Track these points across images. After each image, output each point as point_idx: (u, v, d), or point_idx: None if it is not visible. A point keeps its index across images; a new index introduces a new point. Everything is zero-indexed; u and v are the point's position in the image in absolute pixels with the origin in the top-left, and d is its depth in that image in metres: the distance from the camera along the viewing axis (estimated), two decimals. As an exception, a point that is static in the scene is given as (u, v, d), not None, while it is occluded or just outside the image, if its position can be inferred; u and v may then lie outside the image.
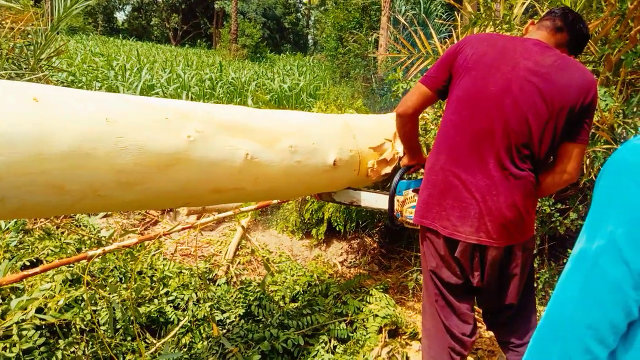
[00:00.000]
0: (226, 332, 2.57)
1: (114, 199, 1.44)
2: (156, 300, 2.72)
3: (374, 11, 10.83)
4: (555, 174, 1.69)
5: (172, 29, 38.24)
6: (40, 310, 2.28)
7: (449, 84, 1.76)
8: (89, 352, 2.27)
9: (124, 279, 2.86)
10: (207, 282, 3.09)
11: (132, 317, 2.40)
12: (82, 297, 2.47)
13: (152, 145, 1.45)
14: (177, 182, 1.58)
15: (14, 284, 2.31)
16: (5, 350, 2.03)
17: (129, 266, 2.93)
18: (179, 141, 1.54)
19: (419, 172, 2.69)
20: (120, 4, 41.17)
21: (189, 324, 2.59)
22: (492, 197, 1.61)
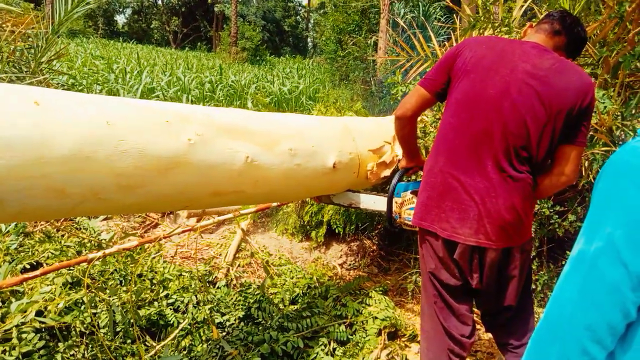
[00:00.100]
0: (226, 335, 2.57)
1: (114, 202, 1.45)
2: (156, 302, 2.72)
3: (373, 14, 10.86)
4: (553, 176, 1.70)
5: (172, 32, 38.29)
6: (40, 313, 2.28)
7: (448, 87, 1.77)
8: (88, 355, 2.27)
9: (124, 281, 2.86)
10: (207, 285, 3.09)
11: (132, 320, 2.40)
12: (82, 300, 2.47)
13: (153, 148, 1.46)
14: (177, 185, 1.58)
15: (14, 286, 2.32)
16: (4, 353, 2.03)
17: (129, 269, 2.93)
18: (179, 144, 1.55)
19: (418, 174, 2.70)
20: (120, 7, 41.24)
21: (189, 327, 2.59)
22: (491, 200, 1.62)
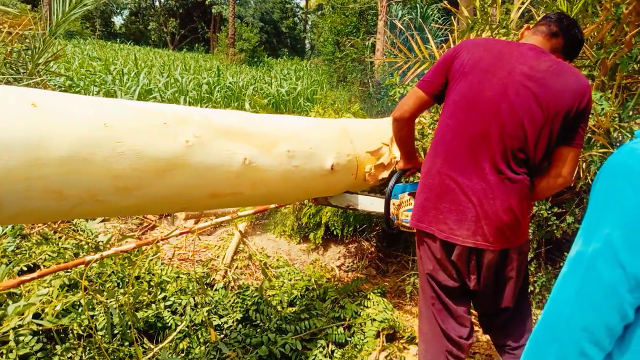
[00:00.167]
0: (224, 337, 2.57)
1: (112, 204, 1.44)
2: (154, 305, 2.71)
3: (370, 16, 10.89)
4: (550, 178, 1.71)
5: (169, 33, 38.26)
6: (37, 315, 2.27)
7: (446, 89, 1.77)
8: (86, 357, 2.26)
9: (122, 284, 2.85)
10: (205, 287, 3.09)
11: (130, 322, 2.39)
12: (79, 303, 2.46)
13: (150, 150, 1.46)
14: (175, 187, 1.58)
15: (11, 289, 2.31)
16: (2, 356, 2.02)
17: (126, 271, 2.92)
18: (177, 146, 1.54)
19: (415, 175, 2.70)
20: (117, 8, 41.19)
21: (187, 329, 2.58)
22: (489, 201, 1.62)
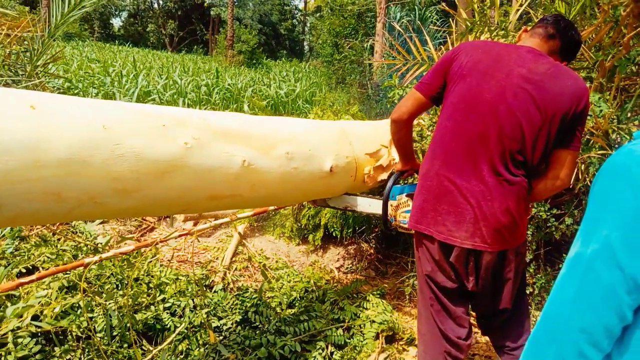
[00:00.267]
0: (223, 339, 2.57)
1: (110, 206, 1.44)
2: (153, 307, 2.70)
3: (369, 18, 10.91)
4: (547, 180, 1.71)
5: (168, 35, 38.27)
6: (36, 317, 2.27)
7: (444, 91, 1.77)
8: (85, 359, 2.26)
9: (121, 285, 2.85)
10: (204, 289, 3.08)
11: (129, 324, 2.39)
12: (78, 304, 2.46)
13: (149, 152, 1.45)
14: (174, 189, 1.58)
15: (10, 291, 2.30)
16: (1, 358, 2.02)
17: (125, 273, 2.92)
18: (176, 148, 1.54)
19: (414, 177, 2.70)
20: (116, 10, 41.20)
21: (186, 331, 2.58)
22: (487, 203, 1.62)
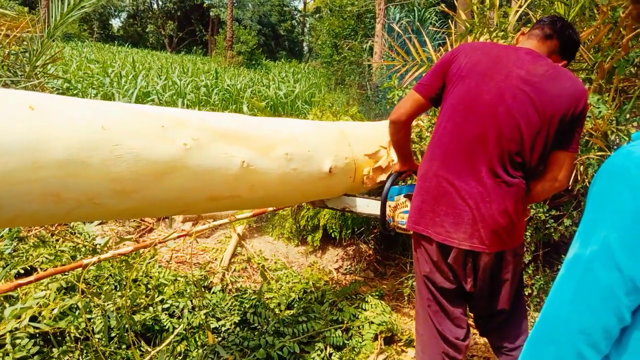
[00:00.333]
0: (221, 340, 2.56)
1: (109, 207, 1.44)
2: (151, 308, 2.70)
3: (368, 19, 10.92)
4: (546, 181, 1.72)
5: (167, 36, 38.27)
6: (34, 318, 2.26)
7: (443, 92, 1.78)
8: (83, 360, 2.26)
9: (119, 286, 2.84)
10: (203, 290, 3.08)
11: (127, 325, 2.39)
12: (76, 305, 2.45)
13: (148, 153, 1.45)
14: (173, 190, 1.58)
15: (8, 292, 2.30)
16: (-2, 359, 2.02)
17: (124, 274, 2.91)
18: (175, 149, 1.54)
19: (413, 177, 2.71)
20: (115, 10, 41.20)
21: (184, 332, 2.57)
22: (485, 204, 1.63)
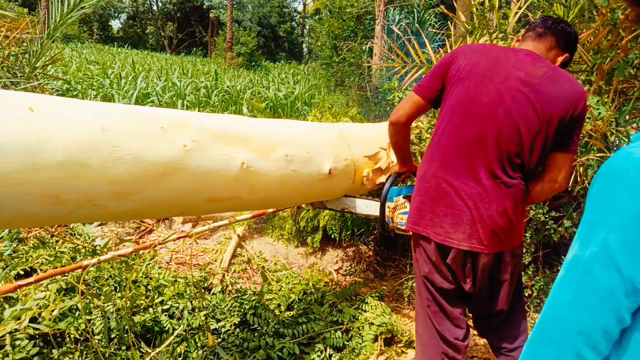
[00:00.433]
0: (221, 341, 2.56)
1: (109, 208, 1.44)
2: (151, 309, 2.70)
3: (368, 20, 10.93)
4: (544, 183, 1.72)
5: (167, 37, 38.31)
6: (34, 319, 2.26)
7: (442, 93, 1.78)
8: (83, 362, 2.26)
9: (119, 288, 2.84)
10: (202, 291, 3.08)
11: (127, 326, 2.38)
12: (76, 307, 2.45)
13: (148, 154, 1.46)
14: (173, 191, 1.58)
15: (8, 293, 2.30)
16: (-2, 360, 2.02)
17: (123, 275, 2.91)
18: (175, 150, 1.54)
19: (412, 178, 2.71)
20: (115, 12, 41.23)
21: (184, 333, 2.57)
22: (484, 205, 1.63)
